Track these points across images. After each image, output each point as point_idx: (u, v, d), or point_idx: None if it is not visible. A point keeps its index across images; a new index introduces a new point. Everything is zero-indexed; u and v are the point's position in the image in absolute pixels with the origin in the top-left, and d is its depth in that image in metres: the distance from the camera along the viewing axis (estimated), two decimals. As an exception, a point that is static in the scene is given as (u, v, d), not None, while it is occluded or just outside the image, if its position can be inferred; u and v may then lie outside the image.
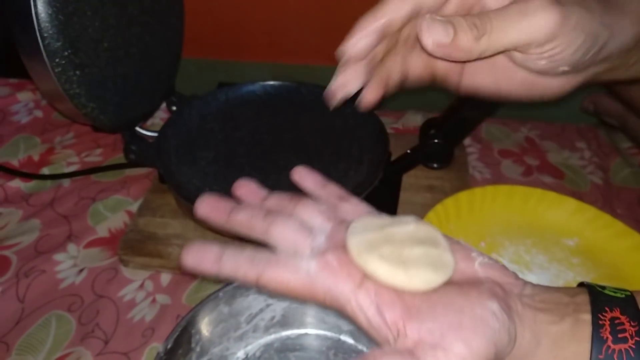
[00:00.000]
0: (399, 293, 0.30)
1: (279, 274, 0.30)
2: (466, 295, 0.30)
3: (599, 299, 0.30)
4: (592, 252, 0.51)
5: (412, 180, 0.59)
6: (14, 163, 0.64)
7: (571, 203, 0.54)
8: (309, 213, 0.34)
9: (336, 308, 0.30)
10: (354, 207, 0.35)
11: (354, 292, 0.29)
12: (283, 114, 0.60)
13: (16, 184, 0.61)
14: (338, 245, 0.31)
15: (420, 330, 0.28)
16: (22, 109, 0.73)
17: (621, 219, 0.52)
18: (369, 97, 0.38)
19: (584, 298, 0.31)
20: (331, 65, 0.85)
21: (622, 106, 0.62)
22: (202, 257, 0.32)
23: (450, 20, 0.32)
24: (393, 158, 0.56)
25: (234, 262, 0.31)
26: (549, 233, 0.53)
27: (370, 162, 0.53)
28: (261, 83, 0.63)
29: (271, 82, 0.63)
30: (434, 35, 0.31)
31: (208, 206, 0.34)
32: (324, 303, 0.30)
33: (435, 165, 0.51)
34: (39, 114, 0.72)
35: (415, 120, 0.72)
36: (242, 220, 0.34)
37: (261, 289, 0.32)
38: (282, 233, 0.32)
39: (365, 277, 0.30)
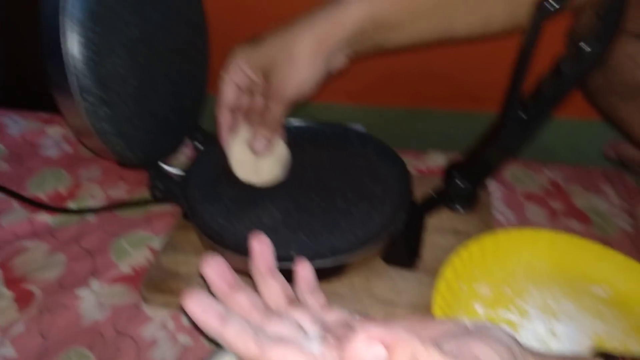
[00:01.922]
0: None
1: (285, 352, 0.30)
2: (467, 331, 0.30)
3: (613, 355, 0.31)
4: (622, 301, 0.49)
5: (436, 222, 0.58)
6: (42, 196, 0.65)
7: (599, 249, 0.52)
8: (302, 317, 0.34)
9: None
10: (336, 316, 0.35)
11: None
12: (306, 153, 0.61)
13: (43, 217, 0.62)
14: (335, 336, 0.31)
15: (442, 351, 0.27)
16: (51, 143, 0.74)
17: (652, 267, 0.50)
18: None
19: None
20: (351, 103, 0.85)
21: None
22: (207, 310, 0.31)
23: None
24: (416, 200, 0.55)
25: (238, 329, 0.31)
26: (577, 280, 0.51)
27: (394, 203, 0.53)
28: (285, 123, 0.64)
29: (295, 121, 0.64)
30: None
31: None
32: None
33: (459, 208, 0.50)
34: (67, 148, 0.73)
35: (437, 160, 0.71)
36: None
37: None
38: (277, 327, 0.33)
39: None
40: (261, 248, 0.37)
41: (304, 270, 0.39)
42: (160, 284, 0.52)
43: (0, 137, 0.75)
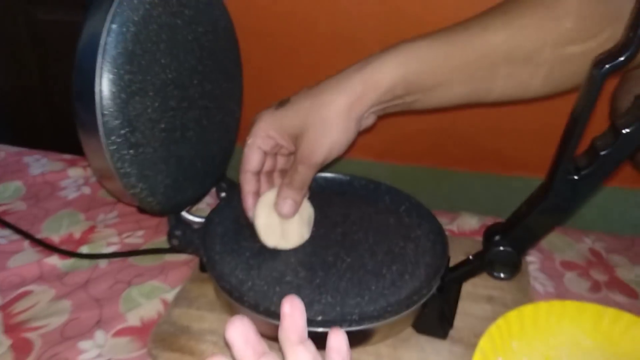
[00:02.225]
0: None
1: None
2: None
3: None
4: (682, 389, 0.44)
5: (470, 288, 0.54)
6: (55, 239, 0.63)
7: (652, 328, 0.48)
8: None
9: None
10: None
11: None
12: (334, 207, 0.58)
13: (53, 260, 0.59)
14: None
15: None
16: (71, 184, 0.73)
17: None
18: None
19: None
20: (376, 161, 0.83)
21: None
22: None
23: None
24: (450, 263, 0.52)
25: None
26: (628, 361, 0.46)
27: (428, 266, 0.49)
28: (313, 174, 0.61)
29: (322, 174, 0.61)
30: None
31: None
32: None
33: (502, 275, 0.47)
34: (86, 190, 0.71)
35: (470, 223, 0.68)
36: None
37: None
38: None
39: None
40: (293, 312, 0.33)
41: (338, 340, 0.34)
42: (170, 340, 0.48)
43: (21, 177, 0.74)
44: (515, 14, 0.46)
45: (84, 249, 0.61)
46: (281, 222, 0.51)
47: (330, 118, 0.46)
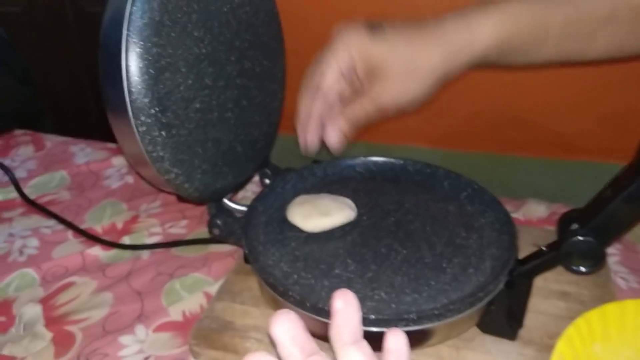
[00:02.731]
0: None
1: None
2: None
3: None
4: None
5: (540, 283, 0.48)
6: (98, 229, 0.62)
7: None
8: None
9: None
10: None
11: None
12: (386, 194, 0.53)
13: (95, 251, 0.58)
14: None
15: None
16: (114, 173, 0.72)
17: None
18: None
19: None
20: (431, 147, 0.78)
21: None
22: None
23: None
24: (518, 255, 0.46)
25: None
26: None
27: (494, 258, 0.44)
28: (363, 158, 0.57)
29: (374, 158, 0.57)
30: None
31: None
32: None
33: (581, 268, 0.41)
34: (129, 179, 0.70)
35: (538, 211, 0.62)
36: None
37: None
38: None
39: None
40: (346, 309, 0.29)
41: (397, 341, 0.30)
42: (212, 336, 0.45)
43: (66, 166, 0.73)
44: None
45: (126, 240, 0.60)
46: (316, 206, 0.50)
47: (421, 68, 0.44)
